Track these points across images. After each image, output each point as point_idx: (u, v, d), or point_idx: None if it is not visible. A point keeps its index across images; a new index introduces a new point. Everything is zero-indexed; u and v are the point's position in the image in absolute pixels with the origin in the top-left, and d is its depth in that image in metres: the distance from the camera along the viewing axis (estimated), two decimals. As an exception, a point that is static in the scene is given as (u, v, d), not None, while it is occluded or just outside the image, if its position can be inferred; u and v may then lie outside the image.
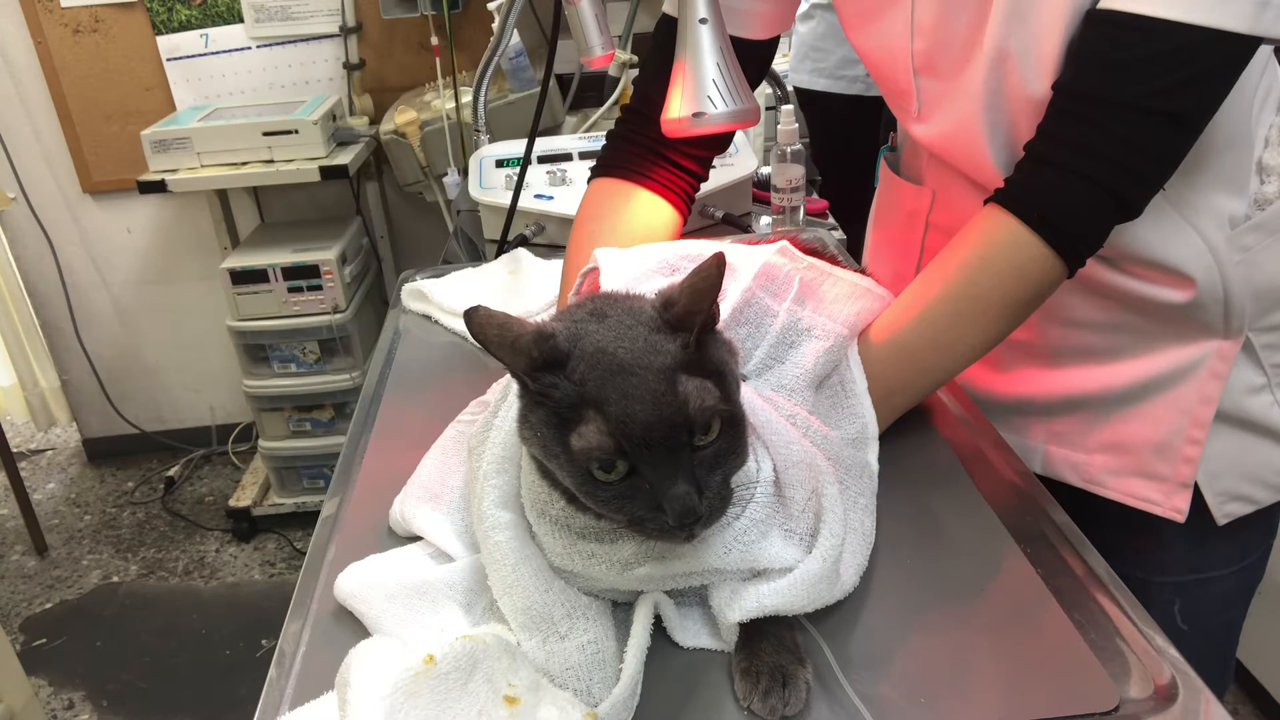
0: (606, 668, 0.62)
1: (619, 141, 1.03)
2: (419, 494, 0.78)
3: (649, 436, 0.56)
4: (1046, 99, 0.78)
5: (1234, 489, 0.91)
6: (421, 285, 1.23)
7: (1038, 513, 0.77)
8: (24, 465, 3.13)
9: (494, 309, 0.61)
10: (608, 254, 0.85)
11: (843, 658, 0.63)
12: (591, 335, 0.60)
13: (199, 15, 2.63)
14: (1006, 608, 0.67)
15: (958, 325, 0.79)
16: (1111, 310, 0.90)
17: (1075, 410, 0.95)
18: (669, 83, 0.87)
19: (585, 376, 0.58)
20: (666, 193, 1.01)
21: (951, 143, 0.90)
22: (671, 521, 0.57)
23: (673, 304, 0.60)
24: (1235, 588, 0.99)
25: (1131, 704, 0.59)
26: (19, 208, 2.78)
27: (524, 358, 0.59)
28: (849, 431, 0.79)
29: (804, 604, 0.63)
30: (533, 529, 0.66)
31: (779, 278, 0.82)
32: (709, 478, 0.59)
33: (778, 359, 0.78)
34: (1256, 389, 0.89)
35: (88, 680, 2.27)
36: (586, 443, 0.57)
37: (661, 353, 0.58)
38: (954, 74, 0.85)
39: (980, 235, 0.79)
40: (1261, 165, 0.84)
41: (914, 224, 1.06)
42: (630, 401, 0.57)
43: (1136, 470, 0.92)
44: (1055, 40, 0.76)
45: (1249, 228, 0.83)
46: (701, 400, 0.57)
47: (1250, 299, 0.85)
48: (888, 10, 0.89)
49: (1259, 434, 0.90)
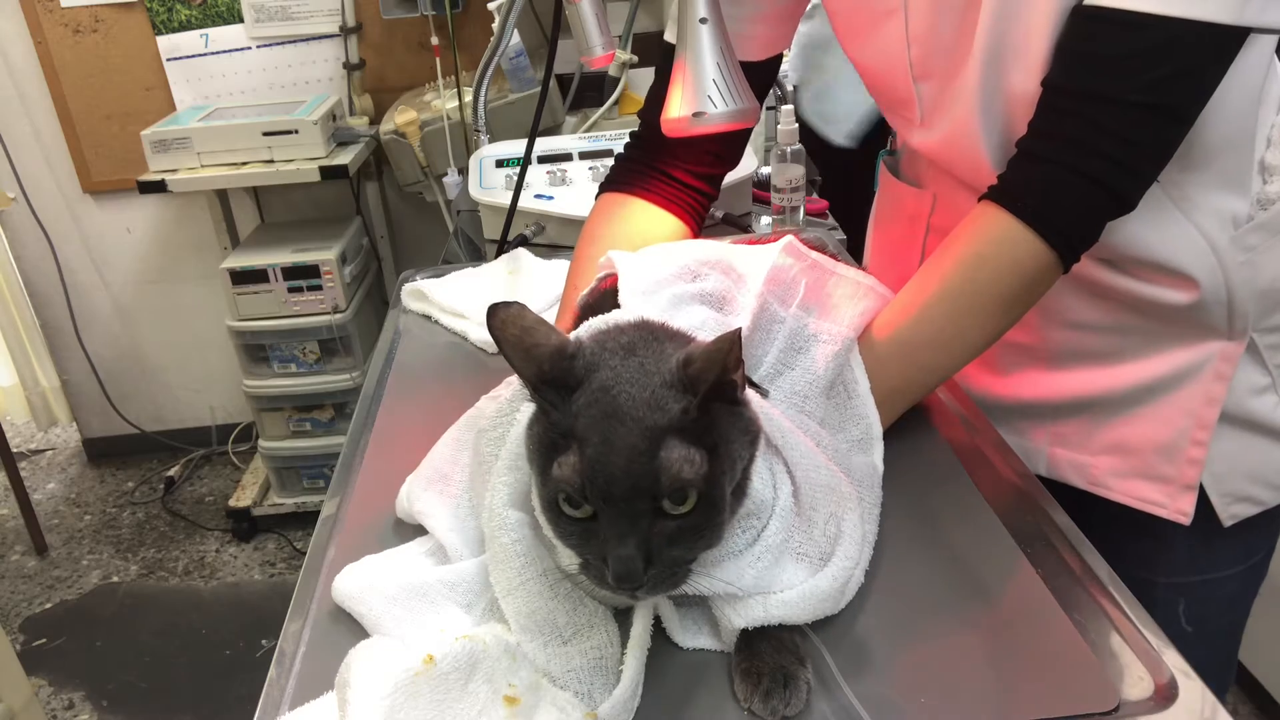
0: (608, 671, 0.62)
1: (625, 163, 1.03)
2: (429, 475, 0.78)
3: (611, 490, 0.55)
4: (1034, 97, 0.78)
5: (1239, 490, 0.91)
6: (421, 285, 1.23)
7: (1038, 513, 0.77)
8: (24, 465, 3.13)
9: (526, 309, 0.60)
10: (625, 259, 0.83)
11: (842, 658, 0.63)
12: (606, 371, 0.58)
13: (199, 15, 2.63)
14: (1006, 608, 0.67)
15: (956, 322, 0.79)
16: (1114, 312, 0.89)
17: (1079, 413, 0.95)
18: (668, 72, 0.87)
19: (582, 409, 0.57)
20: (671, 205, 1.00)
21: (951, 148, 0.90)
22: (610, 580, 0.56)
23: (690, 363, 0.58)
24: (1240, 589, 0.99)
25: (1131, 704, 0.59)
26: (19, 208, 2.78)
27: (534, 368, 0.58)
28: (854, 433, 0.78)
29: (809, 616, 0.63)
30: (544, 530, 0.65)
31: (785, 281, 0.82)
32: (665, 549, 0.57)
33: (787, 365, 0.78)
34: (1261, 390, 0.89)
35: (88, 680, 2.27)
36: (561, 474, 0.57)
37: (659, 410, 0.57)
38: (951, 77, 0.85)
39: (976, 232, 0.79)
40: (1264, 165, 0.84)
41: (915, 227, 1.06)
42: (607, 449, 0.55)
43: (1141, 472, 0.92)
44: (1043, 38, 0.76)
45: (1252, 228, 0.83)
46: (679, 470, 0.55)
47: (1254, 299, 0.84)
48: (882, 23, 0.89)
49: (1264, 435, 0.90)
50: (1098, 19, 0.72)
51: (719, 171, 1.04)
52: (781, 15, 0.99)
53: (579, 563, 0.59)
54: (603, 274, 0.86)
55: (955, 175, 0.94)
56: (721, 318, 0.76)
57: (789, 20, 1.00)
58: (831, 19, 0.97)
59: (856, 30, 0.94)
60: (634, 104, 2.12)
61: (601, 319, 0.70)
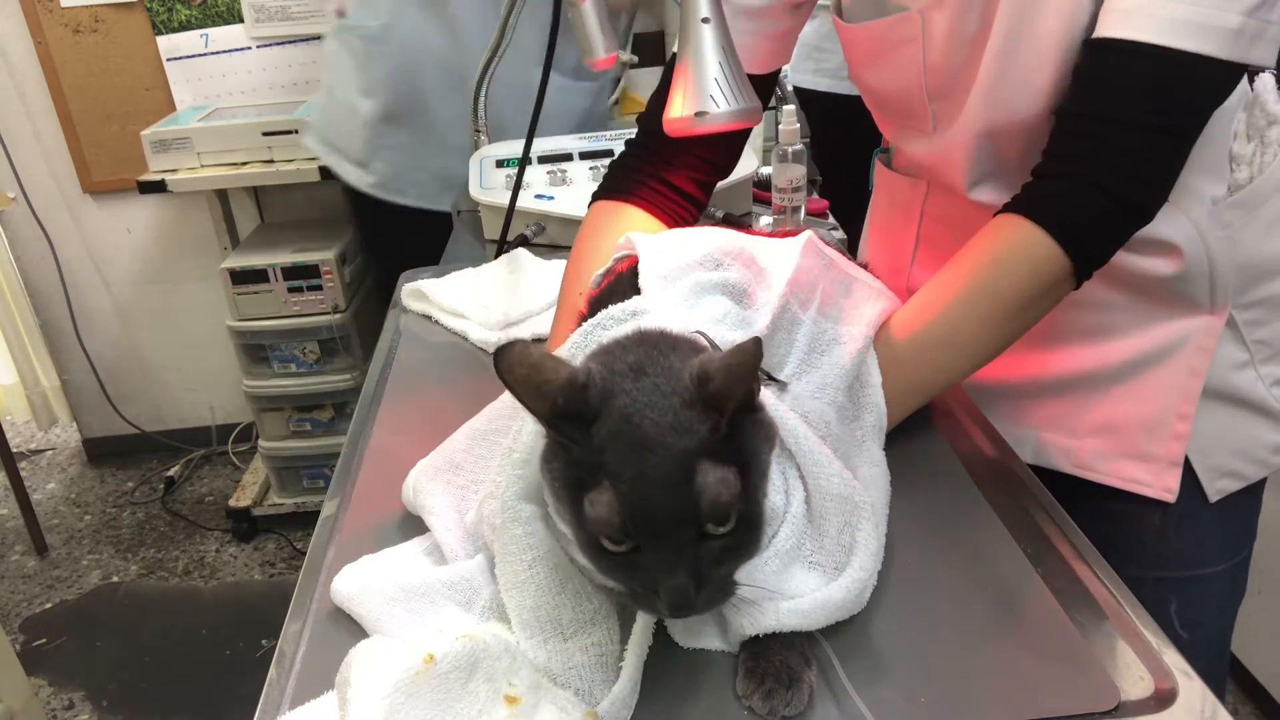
0: (608, 669, 0.62)
1: (621, 168, 1.04)
2: (439, 464, 0.78)
3: (654, 525, 0.55)
4: (1031, 124, 0.84)
5: (1224, 465, 0.95)
6: (421, 285, 1.23)
7: (1038, 513, 0.77)
8: (24, 465, 3.13)
9: (531, 346, 0.58)
10: (645, 241, 0.83)
11: (843, 657, 0.63)
12: (623, 396, 0.57)
13: (199, 15, 2.63)
14: (1006, 608, 0.67)
15: (973, 324, 0.81)
16: (1103, 287, 0.92)
17: (1067, 391, 0.98)
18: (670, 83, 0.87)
19: (606, 442, 0.56)
20: (661, 214, 1.01)
21: (944, 161, 0.95)
22: (664, 609, 0.56)
23: (709, 380, 0.57)
24: (1228, 590, 1.01)
25: (1131, 704, 0.59)
26: (19, 208, 2.78)
27: (547, 404, 0.57)
28: (868, 420, 0.79)
29: (819, 624, 0.63)
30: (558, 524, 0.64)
31: (806, 283, 0.82)
32: (713, 570, 0.57)
33: (811, 366, 0.79)
34: (1241, 365, 0.93)
35: (88, 680, 2.27)
36: (597, 513, 0.55)
37: (688, 433, 0.56)
38: (963, 95, 0.89)
39: (996, 238, 0.81)
40: (1233, 155, 0.90)
41: (910, 215, 1.09)
42: (644, 482, 0.54)
43: (1126, 452, 0.95)
44: (1048, 67, 0.82)
45: (1228, 205, 0.89)
46: (718, 495, 0.55)
47: (1233, 272, 0.89)
48: (900, 49, 0.92)
49: (1246, 409, 0.94)
50: (1110, 50, 0.77)
51: (714, 179, 1.05)
52: (783, 34, 1.01)
53: (627, 592, 0.59)
54: (621, 254, 0.86)
55: (939, 180, 0.99)
56: (742, 311, 0.76)
57: (791, 34, 1.02)
58: (847, 49, 1.00)
59: (873, 58, 0.97)
60: (634, 104, 2.12)
61: (600, 327, 0.69)
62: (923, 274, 1.09)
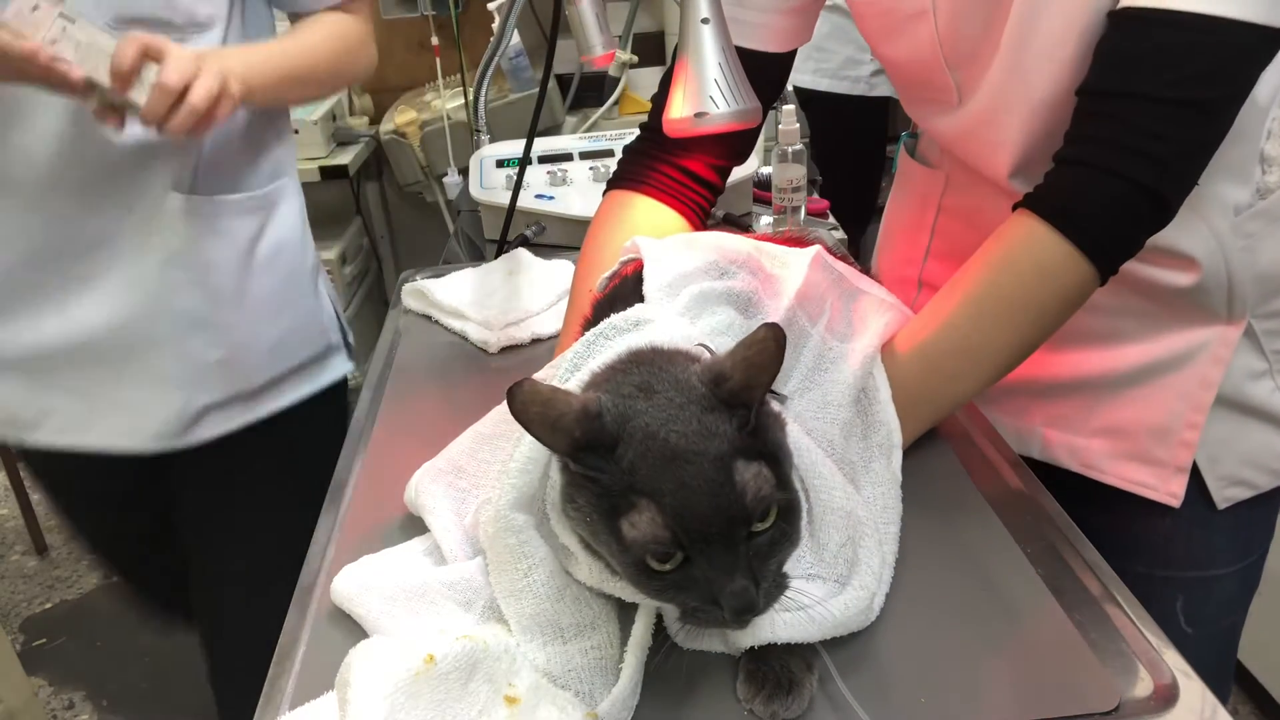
0: (608, 671, 0.62)
1: (632, 155, 1.03)
2: (443, 466, 0.78)
3: (707, 530, 0.54)
4: (1059, 101, 0.78)
5: (1234, 473, 0.92)
6: (421, 285, 1.23)
7: (1038, 513, 0.77)
8: (24, 465, 3.13)
9: (540, 382, 0.57)
10: (651, 247, 0.82)
11: (843, 657, 0.63)
12: (640, 416, 0.57)
13: (199, 15, 2.62)
14: (1006, 608, 0.67)
15: (981, 328, 0.78)
16: (1116, 294, 0.89)
17: (1076, 393, 0.96)
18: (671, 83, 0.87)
19: (635, 463, 0.55)
20: (669, 199, 1.00)
21: (972, 138, 0.91)
22: (728, 617, 0.55)
23: (725, 379, 0.57)
24: (1237, 590, 1.00)
25: (1132, 704, 0.59)
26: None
27: (565, 438, 0.56)
28: (876, 439, 0.77)
29: (817, 638, 0.63)
30: (558, 538, 0.64)
31: (814, 297, 0.81)
32: (764, 567, 0.56)
33: (814, 383, 0.78)
34: (1258, 374, 0.90)
35: (88, 680, 2.26)
36: (640, 533, 0.55)
37: (716, 436, 0.56)
38: (984, 67, 0.86)
39: (1002, 237, 0.78)
40: (1264, 156, 0.85)
41: (926, 207, 1.06)
42: (687, 493, 0.54)
43: (1133, 454, 0.93)
44: (1071, 41, 0.76)
45: (1252, 214, 0.84)
46: (759, 489, 0.55)
47: (1253, 284, 0.86)
48: (913, 23, 0.89)
49: (1260, 419, 0.91)
50: (1136, 19, 0.72)
51: (730, 164, 1.03)
52: (803, 8, 0.98)
53: (679, 613, 0.58)
54: (626, 258, 0.85)
55: (970, 165, 0.94)
56: (746, 322, 0.76)
57: (810, 12, 0.99)
58: (859, 22, 0.97)
59: (887, 32, 0.94)
60: (634, 104, 2.12)
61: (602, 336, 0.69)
62: (936, 266, 1.08)
